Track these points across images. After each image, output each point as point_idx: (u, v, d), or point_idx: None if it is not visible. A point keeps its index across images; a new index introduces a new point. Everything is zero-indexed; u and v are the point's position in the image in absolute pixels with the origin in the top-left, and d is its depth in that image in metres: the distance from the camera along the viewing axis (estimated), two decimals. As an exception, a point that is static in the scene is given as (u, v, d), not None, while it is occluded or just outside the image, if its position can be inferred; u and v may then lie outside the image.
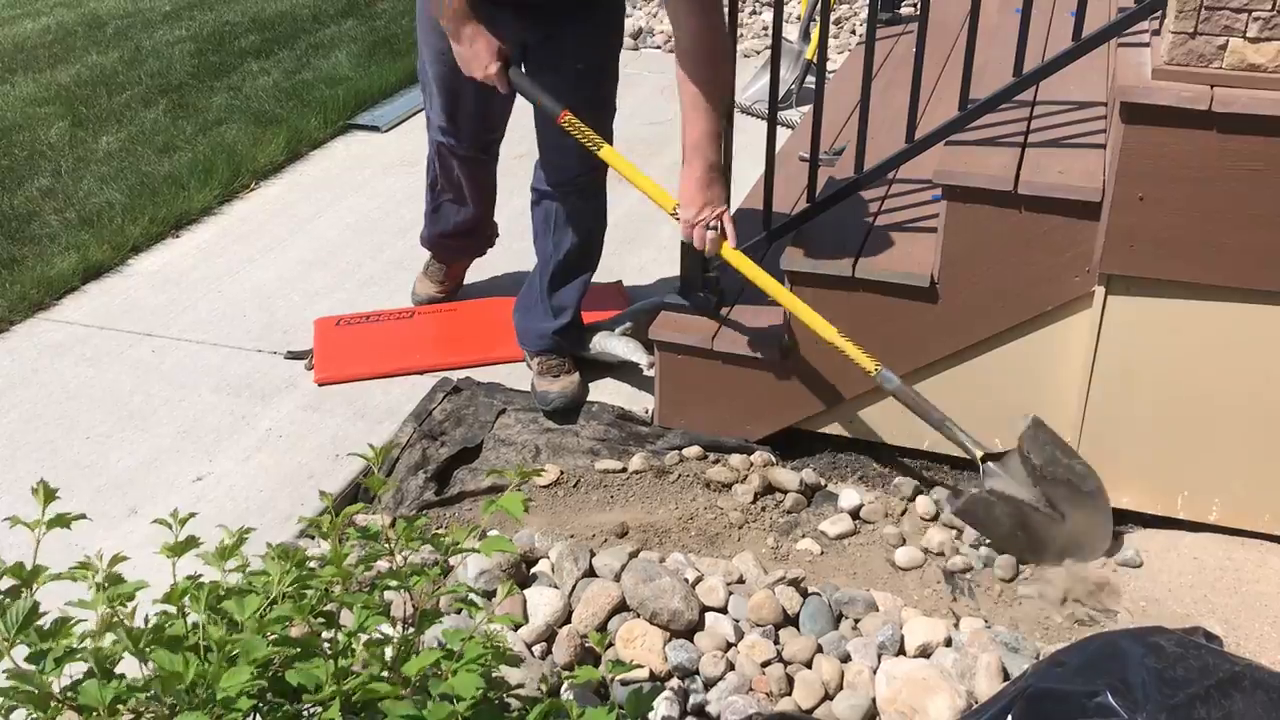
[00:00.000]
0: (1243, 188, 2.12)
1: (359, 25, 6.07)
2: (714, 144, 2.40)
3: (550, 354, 2.93)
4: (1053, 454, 2.31)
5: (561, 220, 2.86)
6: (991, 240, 2.36)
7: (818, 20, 3.89)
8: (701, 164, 2.39)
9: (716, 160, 2.41)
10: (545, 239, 2.91)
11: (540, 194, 2.88)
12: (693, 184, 2.41)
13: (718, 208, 2.43)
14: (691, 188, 2.41)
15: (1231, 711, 1.45)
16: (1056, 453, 2.31)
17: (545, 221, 2.89)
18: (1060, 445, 2.33)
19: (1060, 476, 2.30)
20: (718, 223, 2.43)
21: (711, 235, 2.43)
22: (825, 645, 2.11)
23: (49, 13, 6.52)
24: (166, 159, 4.40)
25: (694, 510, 2.51)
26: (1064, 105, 2.59)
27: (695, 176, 2.40)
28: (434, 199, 3.24)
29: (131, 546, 1.65)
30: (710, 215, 2.42)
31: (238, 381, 3.09)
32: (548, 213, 2.87)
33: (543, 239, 2.92)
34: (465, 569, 2.25)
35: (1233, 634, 2.19)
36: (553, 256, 2.90)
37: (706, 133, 2.38)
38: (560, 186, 2.82)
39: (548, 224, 2.88)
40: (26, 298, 3.45)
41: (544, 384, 2.89)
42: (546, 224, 2.88)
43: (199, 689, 1.16)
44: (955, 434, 2.34)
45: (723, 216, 2.44)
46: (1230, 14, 2.03)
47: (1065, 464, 2.31)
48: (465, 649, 1.30)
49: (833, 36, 5.46)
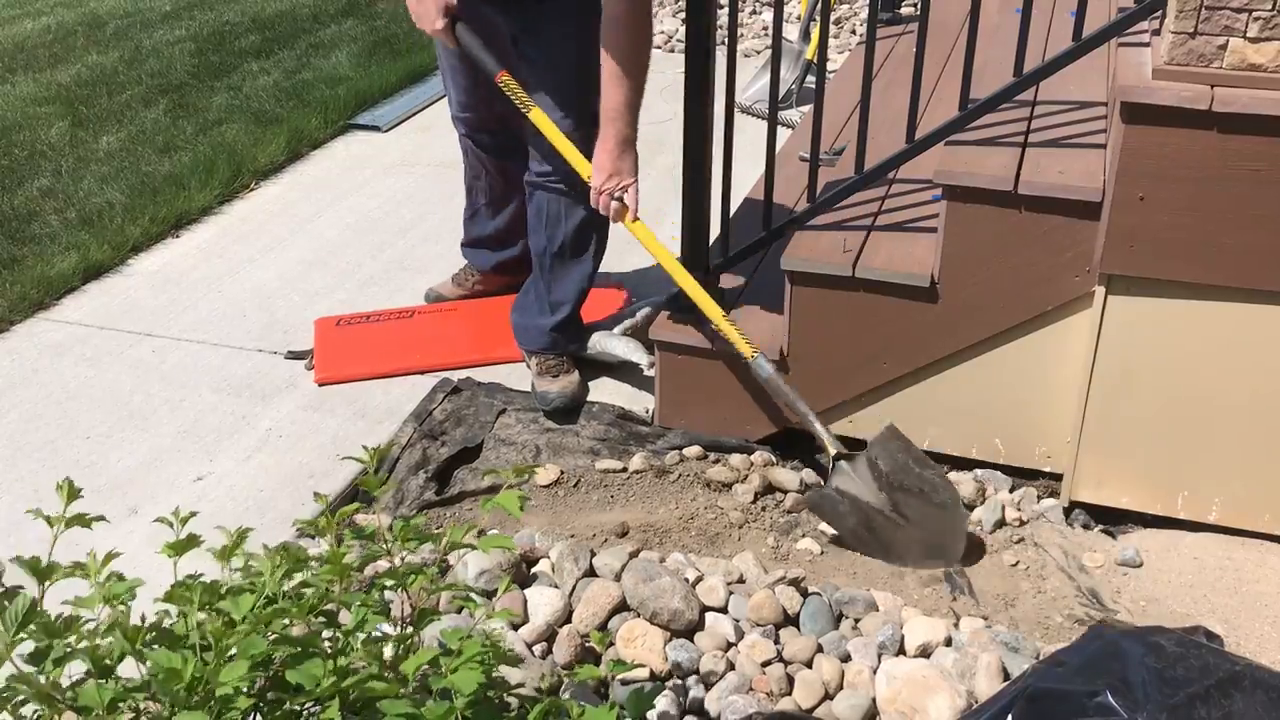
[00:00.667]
0: (1243, 188, 2.12)
1: (359, 25, 6.08)
2: (629, 116, 2.48)
3: (549, 353, 2.92)
4: (904, 463, 2.38)
5: (554, 212, 2.83)
6: (992, 240, 2.36)
7: (818, 20, 3.89)
8: (615, 135, 2.49)
9: (630, 134, 2.51)
10: (539, 233, 2.88)
11: (533, 186, 2.85)
12: (604, 154, 2.52)
13: (625, 179, 2.54)
14: (603, 157, 2.52)
15: (1232, 711, 1.45)
16: (908, 462, 2.38)
17: (538, 215, 2.86)
18: (914, 455, 2.40)
19: (910, 485, 2.36)
20: (623, 193, 2.54)
21: (616, 205, 2.55)
22: (825, 645, 2.11)
23: (49, 13, 6.52)
24: (167, 159, 4.40)
25: (694, 510, 2.51)
26: (1064, 105, 2.59)
27: (607, 147, 2.51)
28: (470, 202, 3.27)
29: (132, 546, 1.66)
30: (616, 185, 2.54)
31: (238, 381, 3.09)
32: (540, 205, 2.85)
33: (536, 233, 2.89)
34: (465, 568, 2.25)
35: (1233, 634, 2.19)
36: (547, 249, 2.88)
37: (624, 103, 2.46)
38: (547, 176, 2.80)
39: (540, 217, 2.86)
40: (26, 298, 3.45)
41: (544, 384, 2.89)
42: (539, 217, 2.86)
43: (197, 688, 1.16)
44: (816, 428, 2.43)
45: (628, 189, 2.55)
46: (1230, 14, 2.03)
47: (916, 474, 2.37)
48: (464, 647, 1.30)
49: (833, 36, 5.46)
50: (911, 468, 2.38)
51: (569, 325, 2.94)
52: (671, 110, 4.66)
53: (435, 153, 4.53)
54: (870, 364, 2.58)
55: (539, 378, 2.91)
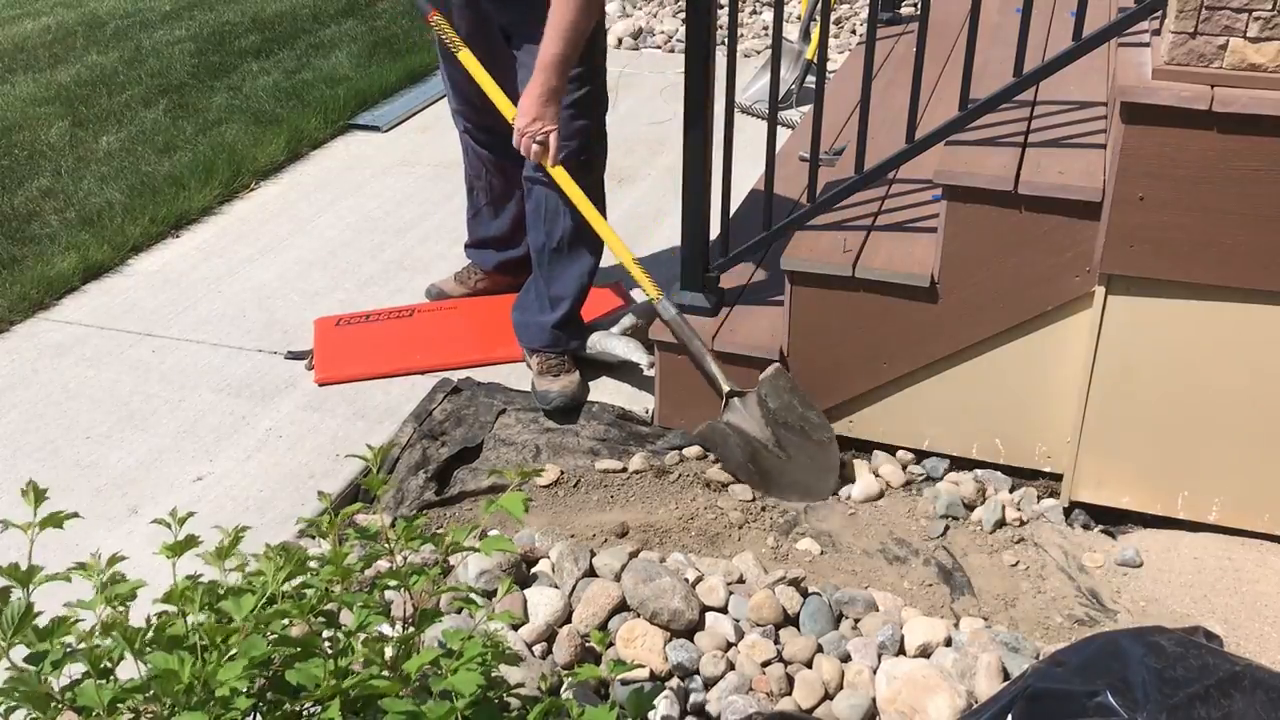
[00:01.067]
0: (1243, 188, 2.12)
1: (359, 25, 6.08)
2: (561, 70, 2.61)
3: (550, 351, 2.93)
4: (789, 401, 2.52)
5: (552, 208, 2.84)
6: (992, 240, 2.36)
7: (818, 20, 3.89)
8: (544, 84, 2.61)
9: (559, 86, 2.63)
10: (537, 229, 2.89)
11: (531, 181, 2.86)
12: (530, 99, 2.64)
13: (547, 125, 2.66)
14: (529, 102, 2.65)
15: (1231, 711, 1.45)
16: (794, 401, 2.53)
17: (536, 211, 2.88)
18: (799, 395, 2.54)
19: (793, 423, 2.53)
20: (545, 137, 2.67)
21: (537, 148, 2.68)
22: (825, 645, 2.11)
23: (49, 13, 6.52)
24: (166, 159, 4.41)
25: (694, 510, 2.51)
26: (1064, 105, 2.59)
27: (535, 94, 2.63)
28: (472, 202, 3.28)
29: (132, 546, 1.66)
30: (539, 129, 2.66)
31: (238, 381, 3.09)
32: (538, 201, 2.86)
33: (535, 229, 2.90)
34: (465, 569, 2.25)
35: (1233, 634, 2.19)
36: (545, 245, 2.89)
37: (559, 57, 2.58)
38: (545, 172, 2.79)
39: (538, 213, 2.87)
40: (26, 298, 3.45)
41: (544, 383, 2.89)
42: (537, 213, 2.88)
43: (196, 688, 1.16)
44: (710, 368, 2.60)
45: (551, 134, 2.67)
46: (1230, 14, 2.03)
47: (800, 412, 2.53)
48: (465, 648, 1.30)
49: (833, 36, 5.46)
50: (795, 406, 2.53)
51: (569, 322, 2.94)
52: (671, 110, 4.67)
53: (435, 153, 4.53)
54: (870, 364, 2.58)
55: (539, 377, 2.91)
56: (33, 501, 1.33)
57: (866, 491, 2.55)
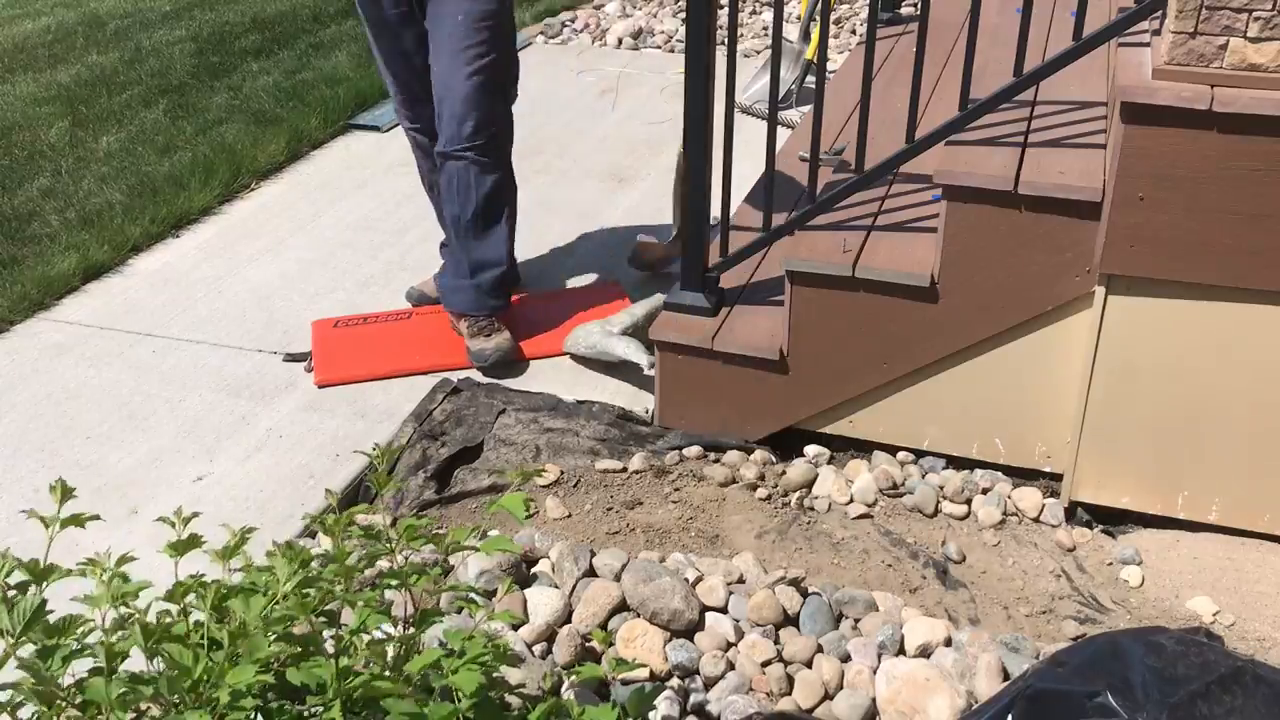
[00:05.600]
0: (1243, 188, 2.12)
1: (359, 25, 6.05)
2: None
3: (476, 314, 3.06)
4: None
5: (464, 181, 2.97)
6: (992, 240, 2.37)
7: (818, 20, 3.89)
8: None
9: None
10: (452, 202, 3.02)
11: (444, 157, 2.97)
12: None
13: None
14: None
15: (1233, 708, 1.45)
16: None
17: (449, 185, 3.00)
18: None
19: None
20: None
21: None
22: (825, 645, 2.12)
23: (49, 13, 6.52)
24: (166, 159, 4.40)
25: (694, 510, 2.51)
26: (1064, 105, 2.59)
27: None
28: (432, 200, 3.32)
29: (132, 546, 1.66)
30: None
31: (238, 381, 3.09)
32: (450, 175, 2.98)
33: (450, 203, 3.03)
34: (466, 569, 2.25)
35: (1233, 634, 2.19)
36: (460, 218, 3.03)
37: None
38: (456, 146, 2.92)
39: (451, 187, 3.00)
40: (26, 298, 3.45)
41: (478, 343, 3.03)
42: (450, 187, 3.00)
43: (203, 686, 1.16)
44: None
45: None
46: (1231, 14, 2.03)
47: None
48: (466, 648, 1.30)
49: (833, 36, 5.46)
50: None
51: (496, 287, 3.08)
52: (671, 110, 4.67)
53: (435, 153, 4.53)
54: (870, 364, 2.58)
55: (472, 339, 3.05)
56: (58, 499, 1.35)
57: (867, 491, 2.55)
